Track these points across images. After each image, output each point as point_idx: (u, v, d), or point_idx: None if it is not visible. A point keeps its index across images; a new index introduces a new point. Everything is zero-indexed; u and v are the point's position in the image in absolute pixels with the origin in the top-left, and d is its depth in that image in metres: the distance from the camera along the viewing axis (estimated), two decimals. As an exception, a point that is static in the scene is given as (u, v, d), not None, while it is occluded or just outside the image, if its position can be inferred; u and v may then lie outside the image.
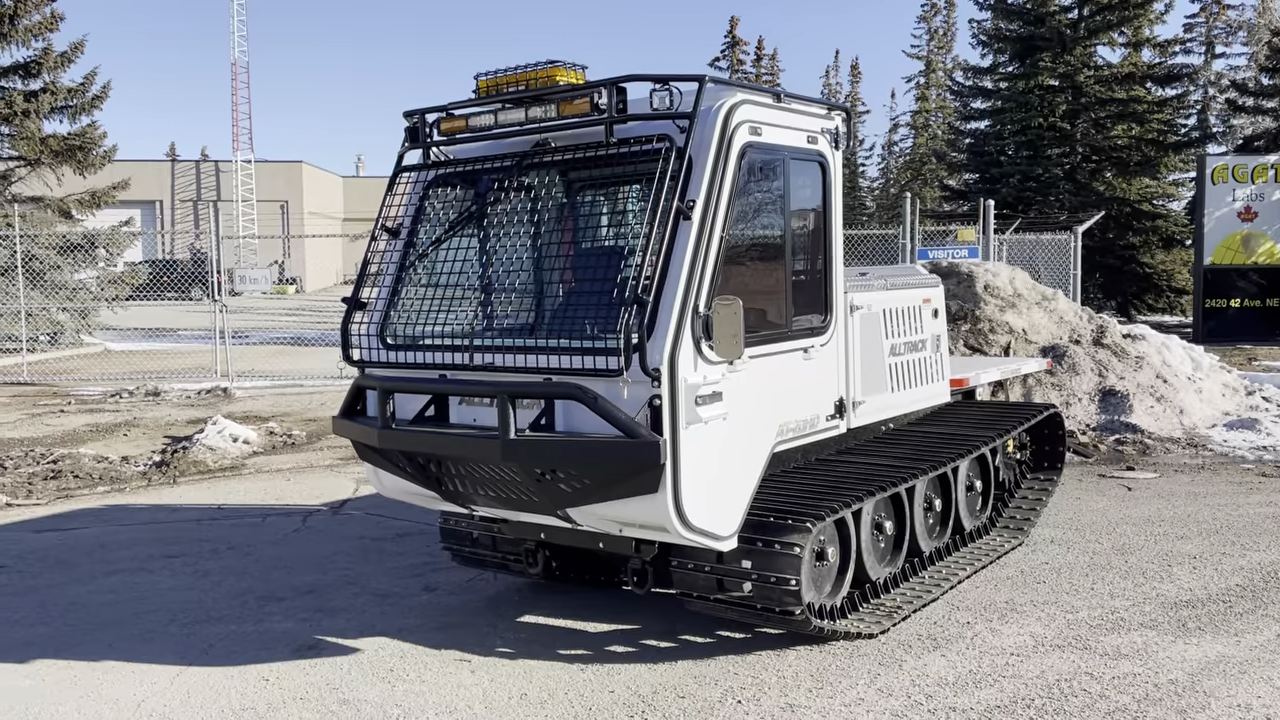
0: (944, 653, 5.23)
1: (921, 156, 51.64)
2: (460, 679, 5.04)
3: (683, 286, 4.41)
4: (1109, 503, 8.36)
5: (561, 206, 5.06)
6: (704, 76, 4.55)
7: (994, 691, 4.76)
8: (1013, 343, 12.13)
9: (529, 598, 6.21)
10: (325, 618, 5.99)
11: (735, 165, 4.66)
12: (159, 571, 7.07)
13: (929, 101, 54.67)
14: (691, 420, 4.41)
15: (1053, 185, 26.84)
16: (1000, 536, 7.09)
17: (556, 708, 4.69)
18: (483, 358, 4.76)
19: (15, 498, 9.77)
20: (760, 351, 4.85)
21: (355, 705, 4.77)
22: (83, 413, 14.42)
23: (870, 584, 5.81)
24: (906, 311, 6.21)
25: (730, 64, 61.91)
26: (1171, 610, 5.79)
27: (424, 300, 5.07)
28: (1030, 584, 6.30)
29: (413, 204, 5.34)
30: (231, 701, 4.85)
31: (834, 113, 5.43)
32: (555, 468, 4.51)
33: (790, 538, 4.83)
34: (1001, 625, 5.61)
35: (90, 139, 23.50)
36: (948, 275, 12.78)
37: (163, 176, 57.91)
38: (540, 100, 4.81)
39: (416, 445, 4.87)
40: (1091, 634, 5.45)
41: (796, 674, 4.98)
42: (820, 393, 5.35)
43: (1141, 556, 6.82)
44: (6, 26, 22.43)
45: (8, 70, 23.02)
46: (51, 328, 22.33)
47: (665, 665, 5.12)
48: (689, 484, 4.43)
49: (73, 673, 5.25)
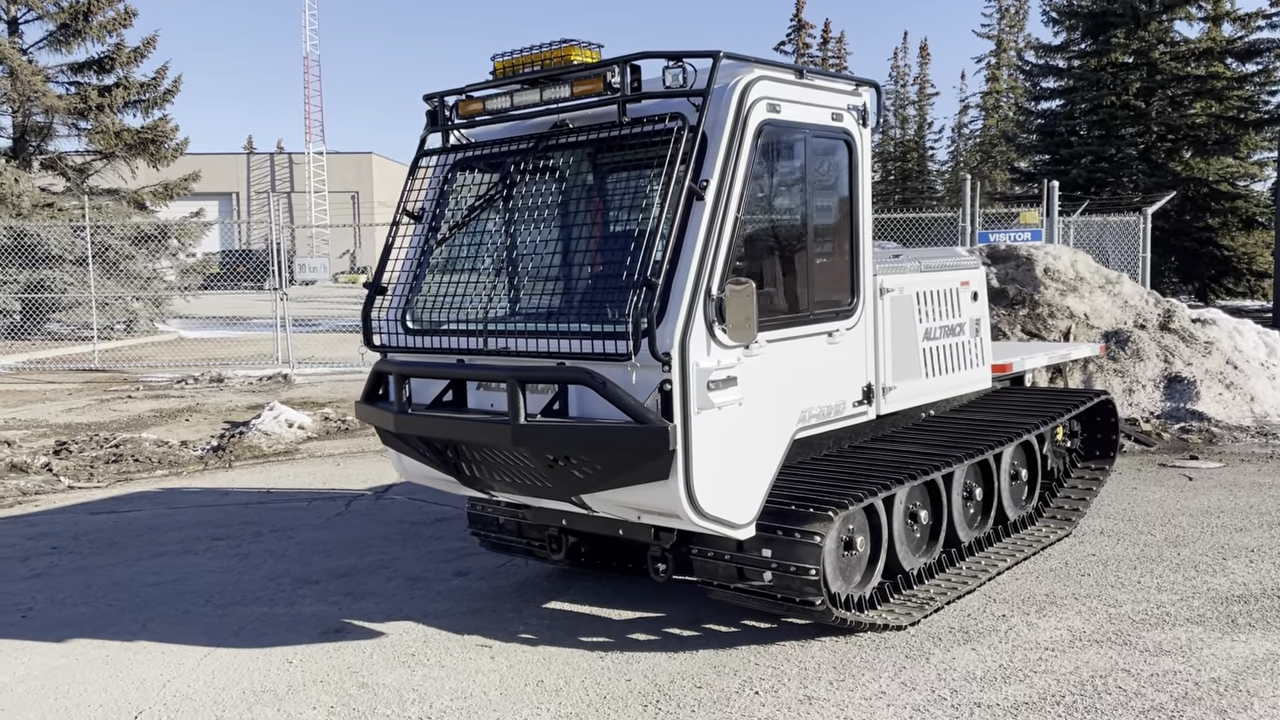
0: (975, 646, 5.07)
1: (991, 139, 50.50)
2: (479, 664, 5.02)
3: (695, 269, 4.31)
4: (1167, 493, 8.05)
5: (577, 188, 4.99)
6: (718, 52, 4.44)
7: (1023, 687, 4.59)
8: (1073, 328, 11.76)
9: (557, 584, 6.18)
10: (355, 601, 6.03)
11: (751, 144, 4.54)
12: (203, 554, 7.19)
13: (999, 82, 53.40)
14: (704, 406, 4.32)
15: (1126, 166, 26.01)
16: (1046, 527, 6.87)
17: (571, 695, 4.64)
18: (497, 342, 4.72)
19: (78, 480, 10.05)
20: (779, 335, 4.73)
21: (373, 689, 4.78)
22: (149, 398, 14.78)
23: (903, 574, 5.66)
24: (943, 294, 6.02)
25: (796, 47, 61.22)
26: (1221, 605, 5.54)
27: (442, 285, 5.04)
28: (1074, 576, 6.08)
29: (433, 188, 5.32)
30: (254, 683, 4.89)
31: (862, 88, 5.27)
32: (565, 453, 4.45)
33: (811, 526, 4.72)
34: (1039, 619, 5.42)
35: (162, 132, 24.09)
36: (1006, 259, 12.46)
37: (239, 168, 59.24)
38: (555, 80, 4.74)
39: (431, 430, 4.85)
40: (1133, 629, 5.24)
41: (819, 665, 4.87)
42: (846, 378, 5.21)
43: (1195, 549, 6.55)
44: (80, 23, 23.05)
45: (83, 66, 23.71)
46: (127, 316, 22.96)
47: (686, 654, 5.05)
48: (701, 470, 4.34)
49: (105, 652, 5.34)
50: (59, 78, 24.11)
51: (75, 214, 21.39)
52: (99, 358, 18.17)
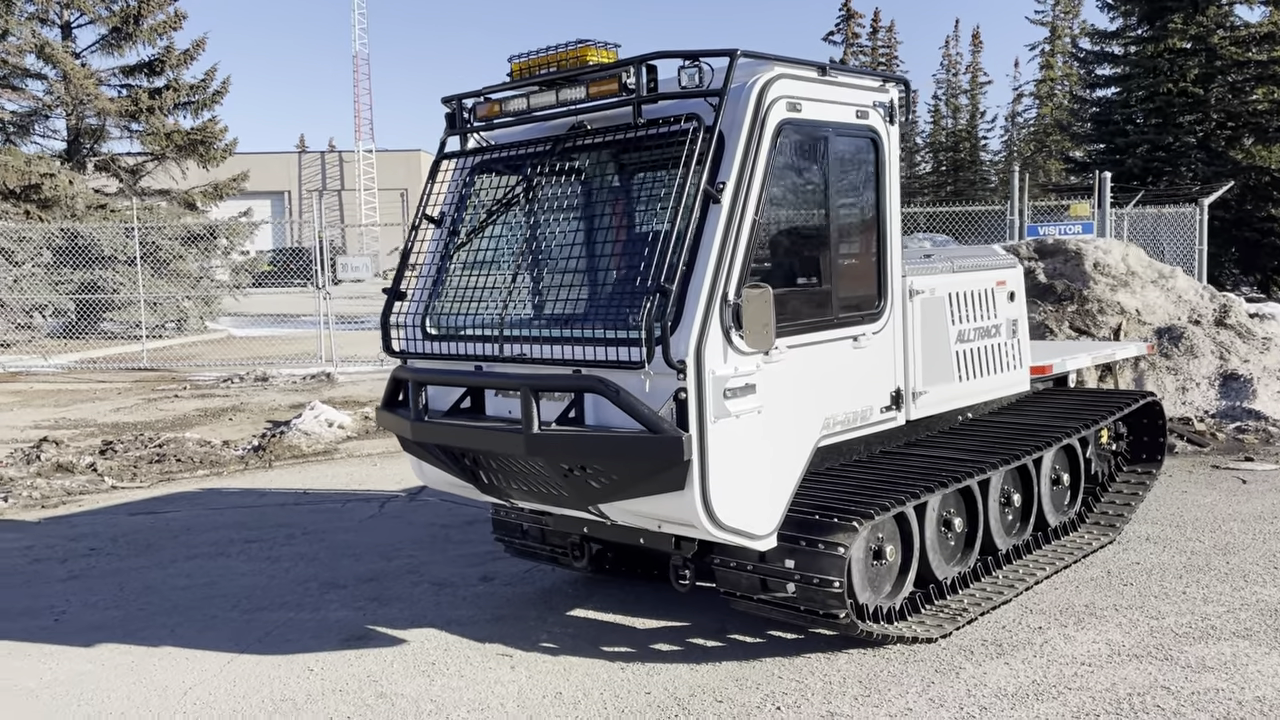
0: (1008, 660, 4.90)
1: (1045, 128, 49.55)
2: (499, 675, 4.96)
3: (710, 274, 4.20)
4: (1218, 496, 7.78)
5: (593, 191, 4.89)
6: (735, 51, 4.31)
7: (1056, 705, 4.42)
8: (1124, 324, 11.44)
9: (582, 591, 6.10)
10: (380, 607, 6.00)
11: (770, 144, 4.41)
12: (235, 556, 7.22)
13: (1054, 70, 52.38)
14: (720, 414, 4.20)
15: (1184, 155, 25.30)
16: (1089, 533, 6.66)
17: (589, 708, 4.56)
18: (513, 348, 4.65)
19: (121, 480, 10.18)
20: (801, 341, 4.60)
21: (391, 699, 4.74)
22: (195, 398, 14.97)
23: (936, 584, 5.51)
24: (977, 295, 5.83)
25: (845, 38, 60.60)
26: (1270, 618, 5.31)
27: (460, 290, 4.98)
28: (1116, 586, 5.88)
29: (453, 192, 5.26)
30: (274, 691, 4.88)
31: (889, 85, 5.11)
32: (580, 463, 4.37)
33: (835, 537, 4.59)
34: (1077, 631, 5.23)
35: (211, 133, 24.40)
36: (1053, 253, 12.15)
37: (290, 167, 59.99)
38: (571, 82, 4.65)
39: (446, 438, 4.79)
40: (1175, 643, 5.03)
41: (844, 679, 4.73)
42: (873, 383, 5.06)
43: (1245, 557, 6.30)
44: (131, 26, 23.41)
45: (134, 69, 24.07)
46: (178, 315, 23.31)
47: (708, 666, 4.94)
48: (718, 481, 4.23)
49: (131, 658, 5.37)
50: (111, 80, 24.52)
51: (127, 215, 21.75)
52: (148, 357, 18.45)
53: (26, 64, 23.35)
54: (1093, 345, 8.33)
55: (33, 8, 23.36)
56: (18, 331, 21.22)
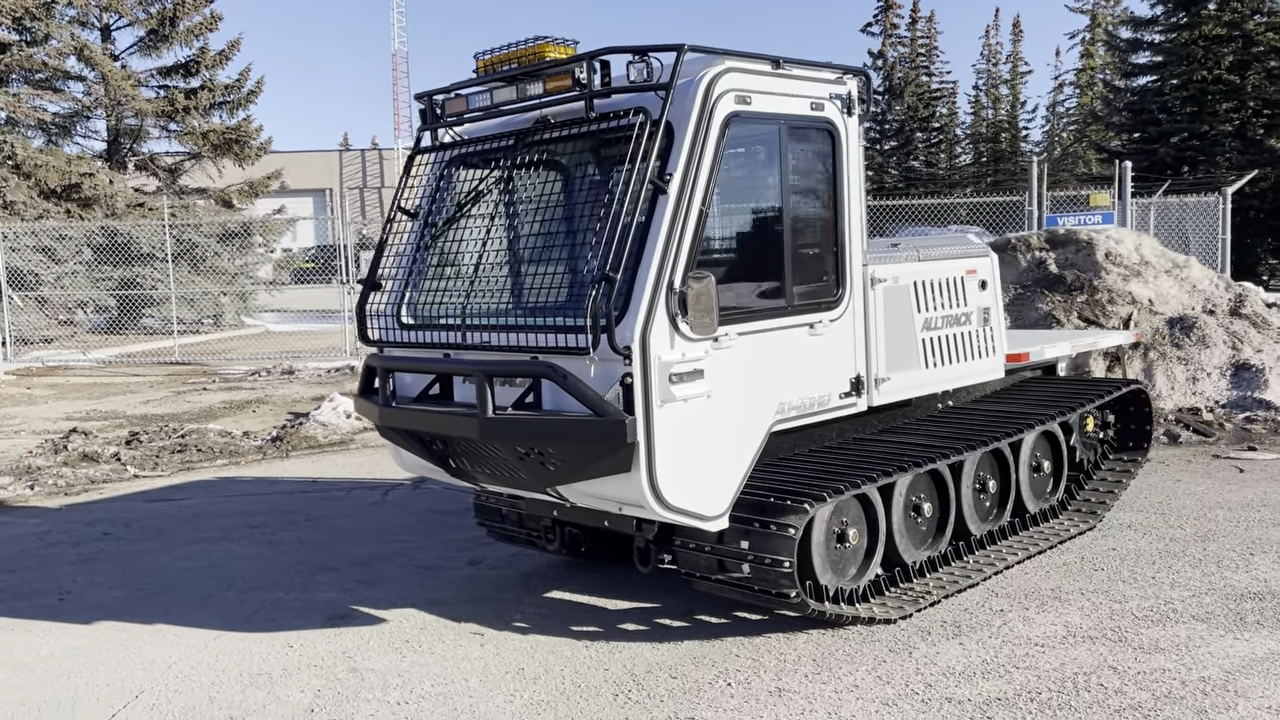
0: (963, 641, 4.99)
1: (1085, 118, 48.86)
2: (468, 652, 5.13)
3: (656, 263, 4.33)
4: (1212, 485, 7.77)
5: (551, 183, 5.04)
6: (683, 45, 4.44)
7: (1000, 683, 4.51)
8: (1135, 314, 11.39)
9: (563, 574, 6.26)
10: (367, 588, 6.21)
11: (718, 136, 4.53)
12: (239, 541, 7.47)
13: (1094, 58, 51.62)
14: (666, 399, 4.34)
15: (1218, 144, 24.91)
16: (1070, 520, 6.70)
17: (548, 684, 4.72)
18: (474, 336, 4.82)
19: (143, 469, 10.51)
20: (752, 328, 4.72)
21: (361, 674, 4.93)
22: (222, 390, 15.35)
23: (905, 567, 5.60)
24: (945, 284, 5.90)
25: (884, 28, 60.09)
26: (1233, 603, 5.35)
27: (431, 280, 5.16)
28: (1087, 571, 5.93)
29: (424, 185, 5.44)
30: (252, 666, 5.09)
31: (848, 77, 5.20)
32: (532, 446, 4.53)
33: (785, 519, 4.70)
34: (1038, 614, 5.31)
35: (246, 132, 24.91)
36: (1064, 243, 12.11)
37: (331, 165, 60.78)
38: (530, 77, 4.80)
39: (411, 423, 4.98)
40: (1133, 625, 5.09)
41: (799, 658, 4.85)
42: (831, 370, 5.17)
43: (1223, 544, 6.32)
44: (167, 28, 23.94)
45: (170, 70, 24.61)
46: (214, 310, 23.85)
47: (670, 645, 5.08)
48: (665, 463, 4.37)
49: (125, 634, 5.61)
50: (150, 82, 25.10)
51: (166, 213, 22.28)
52: (179, 351, 18.91)
53: (67, 66, 23.97)
54: (1075, 334, 8.33)
55: (73, 11, 23.99)
56: (60, 327, 21.83)
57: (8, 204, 20.98)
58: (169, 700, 4.74)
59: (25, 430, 12.76)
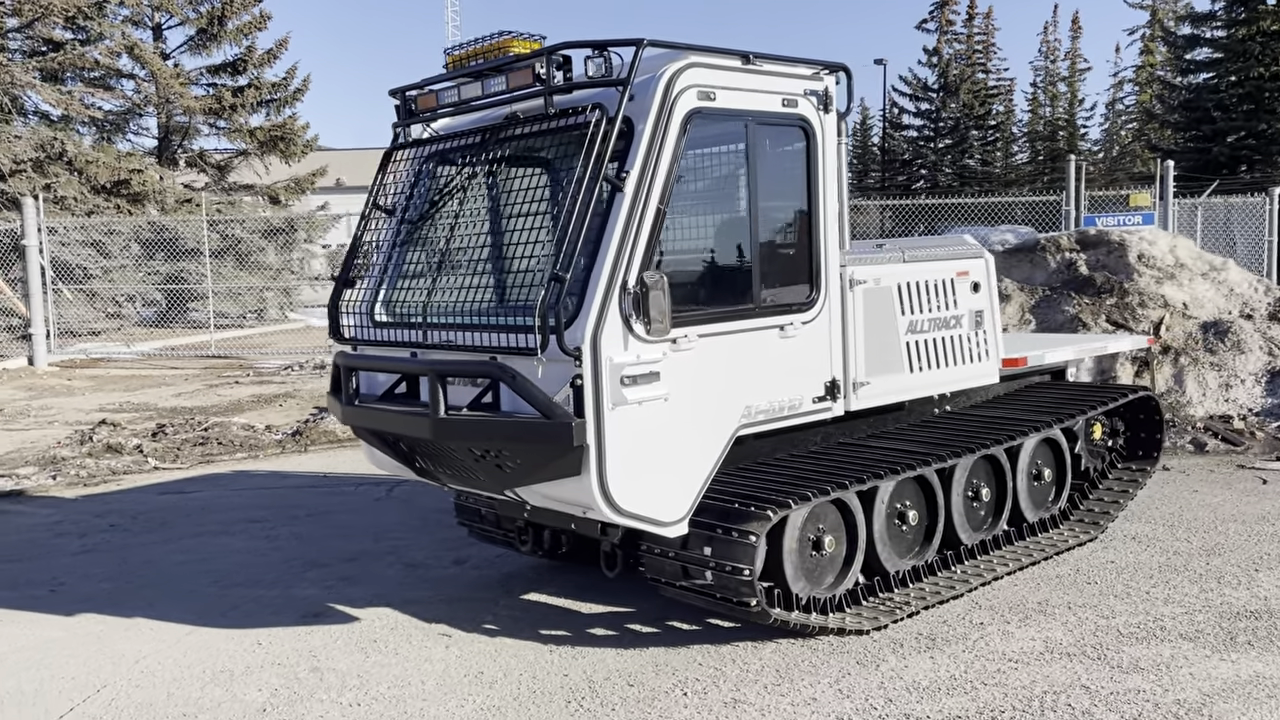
0: (935, 654, 4.84)
1: (1142, 115, 47.68)
2: (432, 653, 5.09)
3: (610, 263, 4.24)
4: (1230, 496, 7.48)
5: (513, 180, 4.96)
6: (642, 40, 4.34)
7: (964, 700, 4.36)
8: (1167, 318, 11.04)
9: (544, 576, 6.20)
10: (349, 586, 6.20)
11: (678, 133, 4.43)
12: (238, 535, 7.52)
13: (1153, 55, 50.38)
14: (618, 401, 4.25)
15: (1276, 142, 24.12)
16: (1070, 531, 6.48)
17: (504, 688, 4.66)
18: (438, 335, 4.76)
19: (163, 461, 10.65)
20: (716, 330, 4.61)
21: (322, 673, 4.91)
22: (253, 384, 15.53)
23: (887, 576, 5.45)
24: (933, 286, 5.73)
25: (939, 25, 59.21)
26: (1227, 621, 5.12)
27: (400, 278, 5.12)
28: (1080, 584, 5.73)
29: (399, 182, 5.40)
30: (217, 663, 5.09)
31: (824, 72, 5.06)
32: (482, 447, 4.47)
33: (747, 526, 4.58)
34: (1019, 628, 5.13)
35: (291, 130, 25.21)
36: (1095, 244, 11.78)
37: (384, 162, 61.43)
38: (496, 73, 4.74)
39: (372, 422, 4.95)
40: (1115, 643, 4.90)
41: (762, 668, 4.74)
42: (804, 373, 5.03)
43: (1229, 559, 6.07)
44: (216, 27, 24.32)
45: (219, 68, 25.00)
46: (258, 304, 24.18)
47: (635, 651, 4.99)
48: (616, 466, 4.28)
49: (102, 627, 5.66)
50: (200, 80, 25.53)
51: (210, 209, 22.64)
52: (216, 346, 19.18)
53: (119, 65, 24.46)
54: (1081, 338, 8.07)
55: (126, 11, 24.47)
56: (107, 320, 22.27)
57: (59, 199, 21.45)
58: (128, 695, 4.75)
59: (59, 421, 13.01)
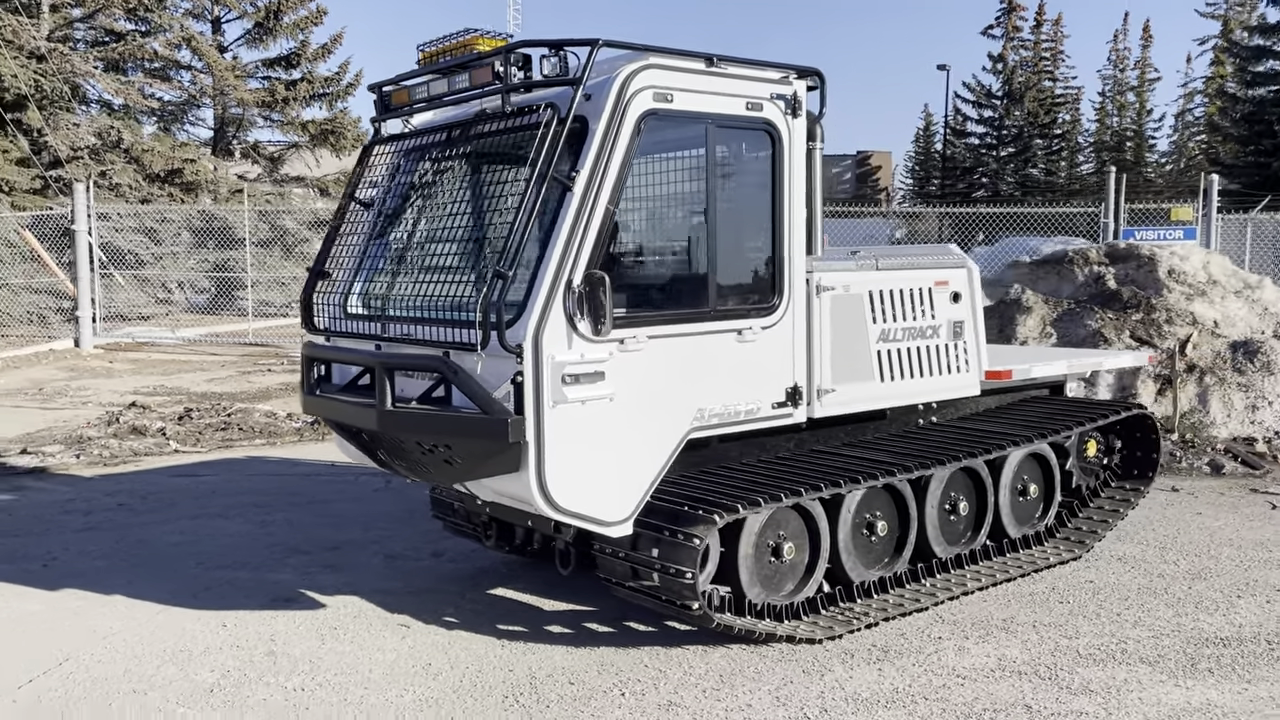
0: (884, 666, 4.78)
1: (1207, 127, 46.52)
2: (386, 643, 5.15)
3: (556, 261, 4.26)
4: (1233, 520, 7.28)
5: (470, 178, 5.01)
6: (597, 40, 4.35)
7: (900, 714, 4.30)
8: (1195, 336, 10.76)
9: (515, 572, 6.23)
10: (325, 573, 6.29)
11: (631, 134, 4.43)
12: (235, 519, 7.67)
13: (1223, 66, 49.11)
14: (559, 400, 4.26)
15: (1342, 157, 23.41)
16: (1054, 549, 6.36)
17: (447, 680, 4.70)
18: (398, 329, 4.82)
19: (184, 445, 10.89)
20: (666, 331, 4.61)
21: (276, 657, 5.00)
22: (285, 372, 15.80)
23: (851, 586, 5.40)
24: (908, 294, 5.65)
25: (1005, 31, 58.29)
26: (1192, 647, 4.99)
27: (369, 271, 5.19)
28: (1051, 603, 5.62)
29: (376, 176, 5.47)
30: (180, 642, 5.20)
31: (793, 76, 5.02)
32: (425, 440, 4.51)
33: (693, 529, 4.57)
34: (977, 644, 5.05)
35: (342, 124, 25.61)
36: (1125, 258, 11.53)
37: (444, 157, 62.10)
38: (461, 70, 4.78)
39: (327, 411, 5.02)
40: (1071, 664, 4.80)
41: (706, 672, 4.72)
42: (763, 378, 5.00)
43: (1214, 584, 5.91)
44: (272, 21, 24.79)
45: (273, 62, 25.49)
46: (304, 295, 24.59)
47: (585, 650, 5.00)
48: (555, 464, 4.29)
49: (81, 603, 5.81)
50: (256, 73, 26.05)
51: (262, 199, 23.10)
52: (254, 334, 19.53)
53: (179, 57, 25.05)
54: (1076, 353, 7.89)
55: (187, 4, 25.06)
56: (157, 305, 22.82)
57: (114, 186, 22.03)
58: (87, 670, 4.88)
59: (93, 402, 13.37)
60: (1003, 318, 11.12)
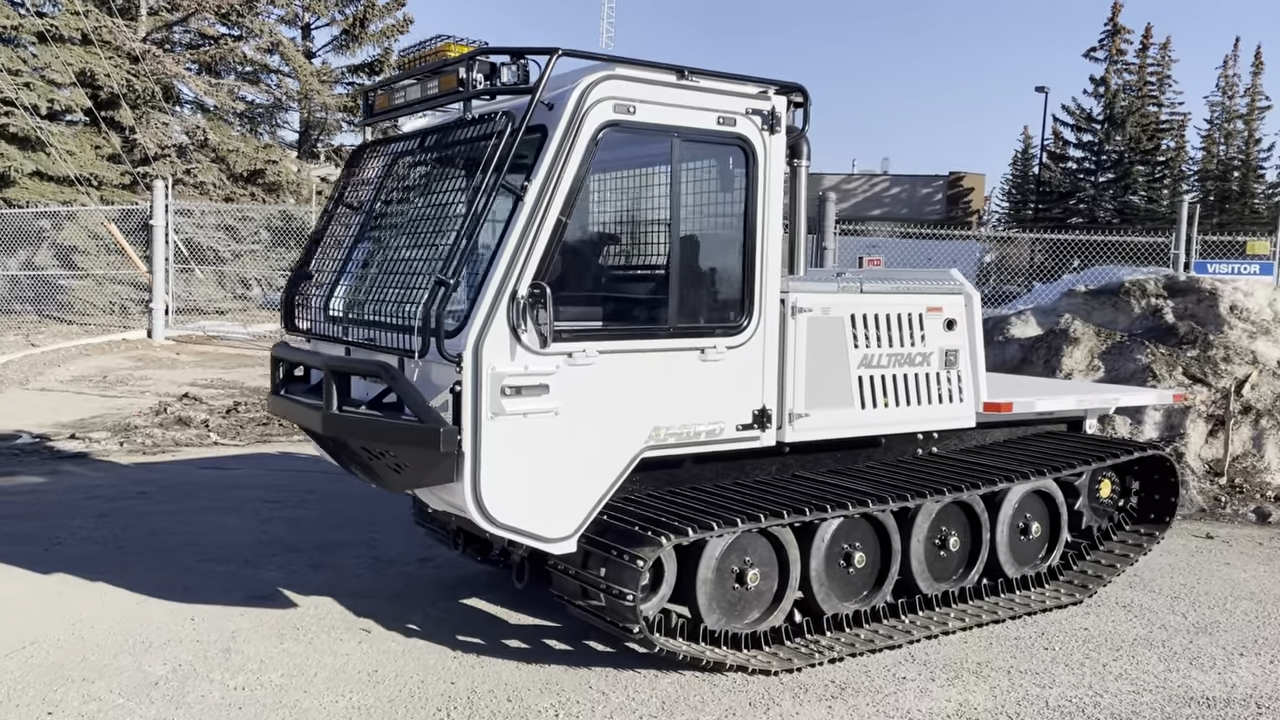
0: (834, 705, 4.59)
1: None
2: (340, 647, 5.14)
3: (502, 271, 4.20)
4: (1261, 573, 6.87)
5: (431, 184, 4.98)
6: (557, 50, 4.29)
7: (835, 757, 4.12)
8: (1254, 376, 10.22)
9: (495, 583, 6.17)
10: (310, 573, 6.32)
11: (587, 145, 4.35)
12: (241, 513, 7.78)
13: (1339, 95, 46.88)
14: (498, 411, 4.20)
15: None
16: (1054, 592, 6.07)
17: (387, 689, 4.66)
18: (359, 333, 4.82)
19: (224, 438, 11.14)
20: (618, 347, 4.51)
21: (231, 654, 5.02)
22: (339, 372, 16.07)
23: (822, 618, 5.22)
24: (895, 319, 5.44)
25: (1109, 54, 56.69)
26: (1171, 706, 4.69)
27: (342, 274, 5.21)
28: (1035, 649, 5.35)
29: (361, 179, 5.49)
30: (145, 632, 5.27)
31: (773, 92, 4.88)
32: (368, 445, 4.48)
33: (638, 550, 4.46)
34: (942, 687, 4.82)
35: (420, 129, 26.02)
36: (1185, 292, 11.02)
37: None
38: (432, 76, 4.77)
39: (286, 412, 5.04)
40: (1035, 715, 4.55)
41: (650, 699, 4.60)
42: (727, 399, 4.86)
43: (1218, 639, 5.56)
44: (358, 29, 25.37)
45: (358, 68, 26.07)
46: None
47: (535, 667, 4.92)
48: (493, 477, 4.23)
49: (65, 588, 5.93)
50: (343, 79, 26.69)
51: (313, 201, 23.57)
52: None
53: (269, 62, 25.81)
54: (1090, 388, 7.52)
55: (279, 11, 25.81)
56: (234, 301, 23.48)
57: (199, 184, 22.75)
58: (47, 655, 4.96)
59: (150, 391, 13.76)
60: (1049, 349, 10.73)
